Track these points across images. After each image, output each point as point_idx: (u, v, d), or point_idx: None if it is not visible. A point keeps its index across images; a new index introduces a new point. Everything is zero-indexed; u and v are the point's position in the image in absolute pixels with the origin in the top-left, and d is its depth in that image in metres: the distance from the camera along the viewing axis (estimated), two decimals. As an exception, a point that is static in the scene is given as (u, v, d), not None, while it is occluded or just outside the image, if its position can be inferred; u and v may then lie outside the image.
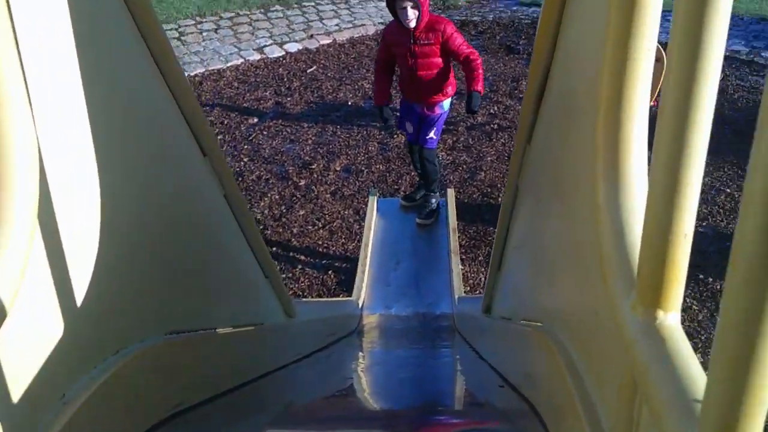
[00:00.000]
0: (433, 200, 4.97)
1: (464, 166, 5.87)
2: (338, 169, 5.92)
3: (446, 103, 4.52)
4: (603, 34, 1.03)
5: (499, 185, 5.55)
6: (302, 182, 5.73)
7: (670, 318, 0.80)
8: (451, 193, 5.19)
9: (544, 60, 1.58)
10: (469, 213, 5.26)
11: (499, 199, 5.33)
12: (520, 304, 1.95)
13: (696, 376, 0.72)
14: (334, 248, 4.97)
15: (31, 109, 1.07)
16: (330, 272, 4.72)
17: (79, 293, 1.26)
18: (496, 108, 6.86)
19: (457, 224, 4.92)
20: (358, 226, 5.16)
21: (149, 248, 1.55)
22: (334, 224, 5.22)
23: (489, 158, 5.97)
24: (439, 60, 4.23)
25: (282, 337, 2.64)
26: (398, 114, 4.82)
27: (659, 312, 0.79)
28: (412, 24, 4.03)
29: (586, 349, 1.23)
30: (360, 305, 4.01)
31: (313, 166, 5.92)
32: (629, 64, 1.00)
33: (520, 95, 7.00)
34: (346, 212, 5.35)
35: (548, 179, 1.63)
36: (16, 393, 1.05)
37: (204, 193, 1.86)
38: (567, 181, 1.40)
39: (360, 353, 3.44)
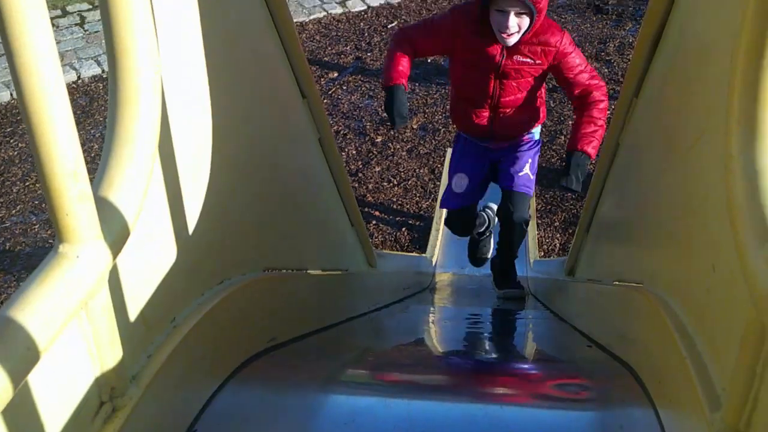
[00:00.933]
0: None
1: (544, 129, 5.71)
2: (415, 127, 5.87)
3: (536, 131, 2.98)
4: None
5: (580, 150, 5.40)
6: (379, 139, 5.72)
7: None
8: (530, 154, 5.09)
9: (665, 2, 1.49)
10: (547, 178, 5.14)
11: (580, 165, 5.20)
12: (615, 265, 1.90)
13: None
14: (408, 206, 4.98)
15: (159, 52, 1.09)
16: (403, 229, 4.73)
17: (191, 223, 1.30)
18: (580, 71, 6.64)
19: (534, 188, 4.83)
20: (432, 185, 5.14)
21: (252, 187, 1.58)
22: (409, 182, 5.21)
23: (570, 122, 5.79)
24: (533, 83, 2.64)
25: (363, 286, 2.67)
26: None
27: None
28: (511, 41, 2.45)
29: (697, 306, 1.18)
30: (434, 263, 4.02)
31: (391, 123, 5.91)
32: None
33: (607, 57, 6.74)
34: (421, 171, 5.33)
35: (661, 132, 1.55)
36: (133, 312, 1.10)
37: (301, 135, 1.88)
38: (687, 132, 1.33)
39: (432, 308, 3.46)
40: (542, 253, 4.36)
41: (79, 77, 6.60)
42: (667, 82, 1.52)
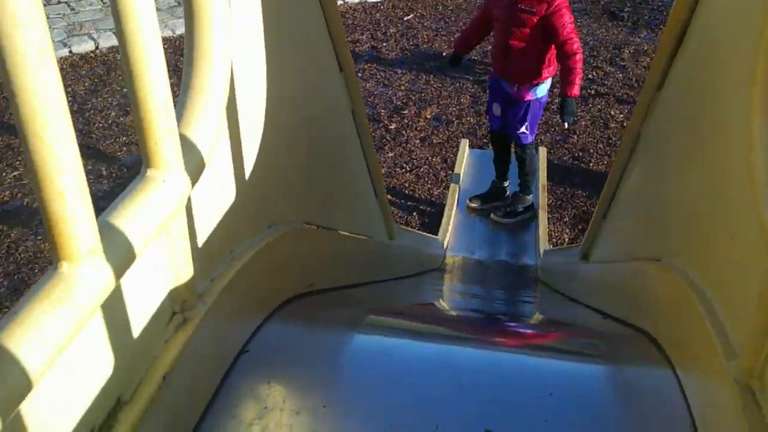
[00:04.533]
0: (527, 202, 4.50)
1: (557, 128, 5.81)
2: (429, 117, 5.96)
3: (540, 89, 3.99)
4: None
5: (591, 150, 5.49)
6: (393, 126, 5.81)
7: None
8: (543, 150, 5.17)
9: (688, 5, 1.58)
10: (558, 174, 5.23)
11: (590, 165, 5.29)
12: (633, 246, 2.00)
13: None
14: (419, 192, 5.07)
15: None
16: (414, 213, 4.82)
17: (247, 172, 1.39)
18: (594, 74, 6.71)
19: (546, 183, 4.91)
20: (444, 173, 5.22)
21: (296, 147, 1.68)
22: (421, 169, 5.30)
23: (583, 122, 5.89)
24: (534, 33, 3.68)
25: (383, 255, 2.78)
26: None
27: None
28: None
29: (716, 273, 1.28)
30: (445, 245, 4.11)
31: (405, 112, 5.99)
32: None
33: (621, 63, 6.83)
34: (433, 159, 5.42)
35: (686, 121, 1.65)
36: (201, 240, 1.19)
37: (337, 105, 1.97)
38: (711, 121, 1.43)
39: (444, 285, 3.57)
40: (551, 246, 4.46)
41: (97, 47, 6.68)
42: (691, 78, 1.62)
